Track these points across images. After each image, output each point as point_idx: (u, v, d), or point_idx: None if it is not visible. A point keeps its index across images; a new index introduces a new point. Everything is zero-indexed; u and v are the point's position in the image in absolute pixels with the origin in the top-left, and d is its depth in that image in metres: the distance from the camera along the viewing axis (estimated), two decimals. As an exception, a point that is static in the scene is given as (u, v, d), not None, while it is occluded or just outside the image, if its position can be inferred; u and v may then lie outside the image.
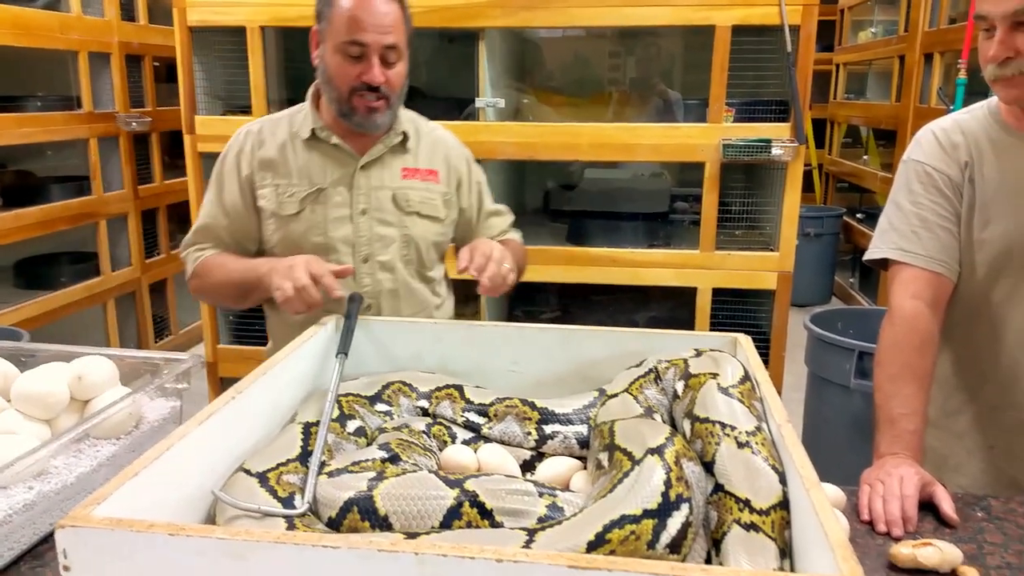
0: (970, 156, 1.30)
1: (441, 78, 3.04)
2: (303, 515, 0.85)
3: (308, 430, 1.01)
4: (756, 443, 0.84)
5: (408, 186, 1.54)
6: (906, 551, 0.96)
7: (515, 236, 1.70)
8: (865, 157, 5.10)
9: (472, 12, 2.40)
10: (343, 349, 1.18)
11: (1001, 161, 1.28)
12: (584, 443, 1.10)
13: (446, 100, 2.83)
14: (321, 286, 1.27)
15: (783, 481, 0.81)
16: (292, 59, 3.01)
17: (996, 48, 1.17)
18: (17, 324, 2.84)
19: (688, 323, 2.56)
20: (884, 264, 1.38)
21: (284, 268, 1.30)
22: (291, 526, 0.82)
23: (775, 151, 2.37)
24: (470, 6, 2.40)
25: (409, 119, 1.59)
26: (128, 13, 3.49)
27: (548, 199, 3.17)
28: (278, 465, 0.92)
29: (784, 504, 0.79)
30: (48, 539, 0.96)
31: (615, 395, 1.07)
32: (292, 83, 2.99)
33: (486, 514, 0.85)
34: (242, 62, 2.60)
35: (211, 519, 0.86)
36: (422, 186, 1.56)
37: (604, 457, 0.92)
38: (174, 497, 0.82)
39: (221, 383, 2.88)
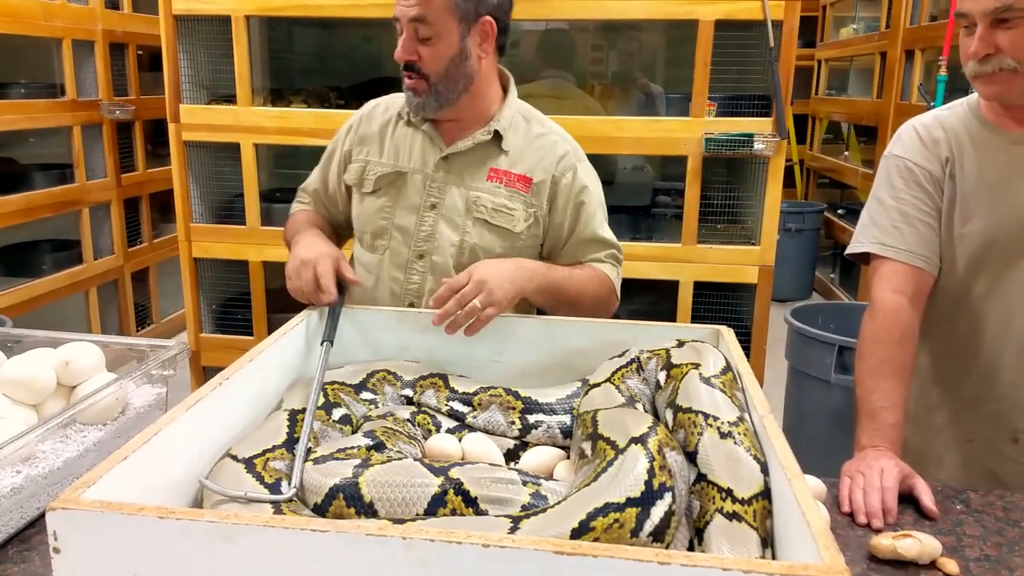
0: (951, 152, 1.32)
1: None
2: (289, 500, 0.86)
3: (294, 417, 1.02)
4: (738, 433, 0.85)
5: (487, 189, 1.42)
6: (886, 542, 0.97)
7: (599, 268, 1.48)
8: (846, 153, 5.15)
9: (459, 3, 2.40)
10: (328, 337, 1.19)
11: (981, 157, 1.30)
12: (567, 433, 1.11)
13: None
14: (321, 287, 1.25)
15: (765, 471, 0.82)
16: (277, 48, 3.00)
17: (977, 45, 1.19)
18: (-2, 311, 2.82)
19: (670, 316, 2.58)
20: (865, 258, 1.40)
21: (297, 261, 1.29)
22: (278, 511, 0.83)
23: (757, 146, 2.39)
24: (457, -3, 2.40)
25: (519, 116, 1.47)
26: (112, 1, 3.46)
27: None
28: (264, 451, 0.93)
29: (766, 494, 0.80)
30: (35, 523, 0.96)
31: (597, 385, 1.08)
32: (277, 72, 2.98)
33: (470, 502, 0.86)
34: (227, 51, 2.59)
35: (198, 503, 0.87)
36: (505, 192, 1.42)
37: (587, 446, 0.93)
38: (162, 482, 0.83)
39: (204, 372, 2.87)
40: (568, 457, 1.07)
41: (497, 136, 1.43)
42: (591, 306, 1.44)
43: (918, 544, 0.97)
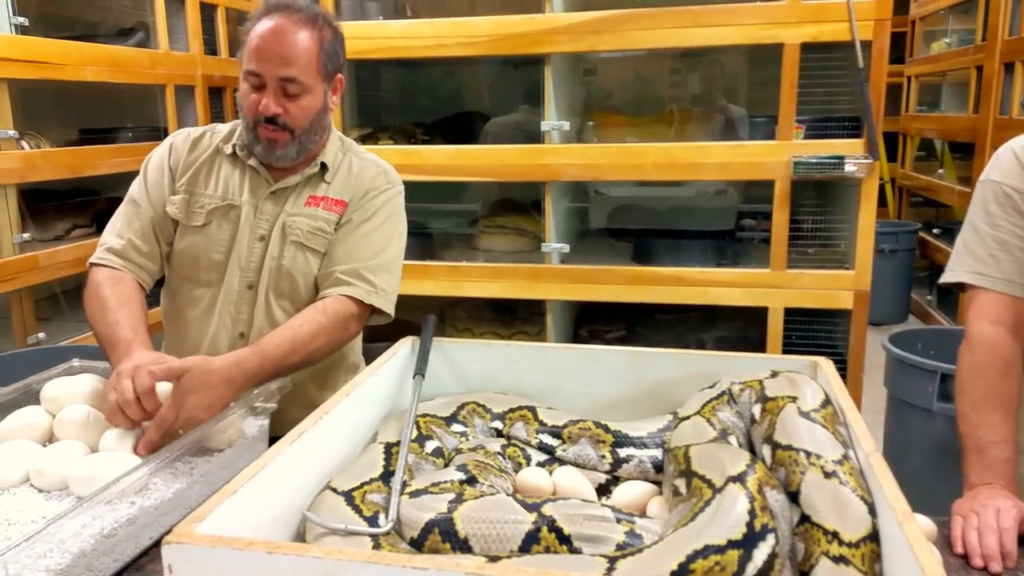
0: None
1: (506, 102, 3.08)
2: (387, 534, 0.87)
3: (389, 450, 1.04)
4: (843, 472, 0.82)
5: (306, 213, 1.46)
6: (1006, 588, 0.92)
7: (336, 294, 1.42)
8: (941, 171, 4.95)
9: (540, 39, 2.44)
10: (420, 371, 1.21)
11: None
12: (659, 467, 1.09)
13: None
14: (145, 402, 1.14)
15: (873, 513, 0.79)
16: (365, 89, 3.10)
17: None
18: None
19: (759, 343, 2.52)
20: (962, 287, 1.34)
21: (116, 374, 1.17)
22: (377, 545, 0.85)
23: (848, 168, 2.32)
24: (538, 33, 2.44)
25: (342, 148, 1.53)
26: (210, 47, 3.65)
27: (612, 218, 3.17)
28: (362, 484, 0.95)
29: (874, 537, 0.77)
30: (148, 552, 1.00)
31: (687, 418, 1.07)
32: (365, 111, 3.08)
33: (564, 539, 0.85)
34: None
35: (300, 535, 0.90)
36: (322, 216, 1.46)
37: (681, 483, 0.92)
38: (268, 513, 0.85)
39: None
40: (661, 493, 1.06)
41: (323, 168, 1.49)
42: (326, 352, 1.40)
43: (1042, 591, 0.91)
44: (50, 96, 3.20)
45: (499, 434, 1.19)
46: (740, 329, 2.82)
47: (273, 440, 0.96)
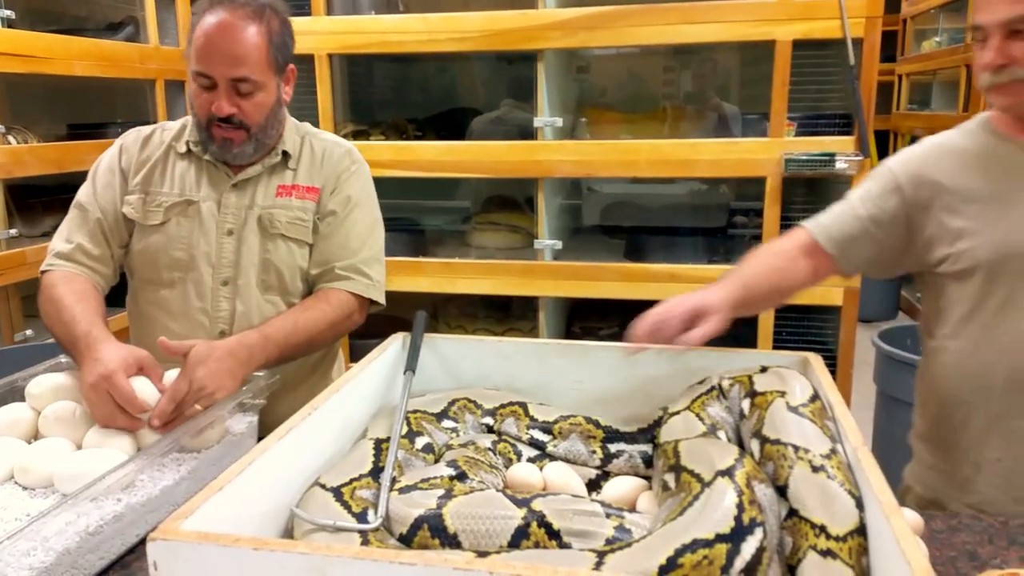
0: (943, 174, 1.30)
1: (499, 98, 3.07)
2: (376, 530, 0.87)
3: (379, 446, 1.04)
4: (831, 467, 0.83)
5: (280, 205, 1.45)
6: (995, 582, 0.92)
7: (335, 288, 1.45)
8: (932, 168, 4.96)
9: (532, 35, 2.43)
10: (411, 366, 1.21)
11: (990, 168, 1.28)
12: (649, 462, 1.10)
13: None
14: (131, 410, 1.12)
15: (860, 506, 0.79)
16: (357, 84, 3.08)
17: (991, 55, 1.20)
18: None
19: (750, 340, 2.52)
20: None
21: (86, 385, 1.14)
22: (365, 541, 0.84)
23: (839, 165, 2.32)
24: (530, 28, 2.43)
25: (298, 133, 1.52)
26: (200, 41, 3.62)
27: (604, 215, 3.18)
28: (351, 480, 0.95)
29: (861, 530, 0.78)
30: (134, 550, 0.99)
31: (677, 413, 1.07)
32: (357, 107, 3.06)
33: (553, 534, 0.85)
34: (310, 88, 2.67)
35: (289, 531, 0.89)
36: (297, 205, 1.45)
37: (670, 478, 0.92)
38: (255, 510, 0.85)
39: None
40: (650, 488, 1.06)
41: (285, 155, 1.48)
42: (330, 338, 1.45)
43: (1030, 584, 0.91)
44: (38, 90, 3.18)
45: (490, 430, 1.19)
46: (731, 326, 2.82)
47: None
